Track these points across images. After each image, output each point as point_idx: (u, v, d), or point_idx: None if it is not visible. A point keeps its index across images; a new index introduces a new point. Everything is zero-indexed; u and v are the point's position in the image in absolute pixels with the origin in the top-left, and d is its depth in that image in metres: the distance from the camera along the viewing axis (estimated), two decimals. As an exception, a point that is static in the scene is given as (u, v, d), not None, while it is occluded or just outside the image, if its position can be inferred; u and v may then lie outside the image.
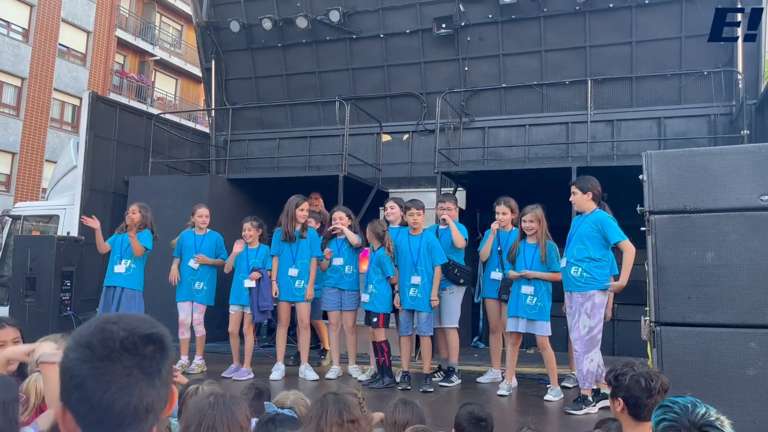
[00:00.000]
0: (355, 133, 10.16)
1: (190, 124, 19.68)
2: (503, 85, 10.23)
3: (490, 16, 10.05)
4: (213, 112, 12.22)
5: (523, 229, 5.88)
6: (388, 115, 10.90)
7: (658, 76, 9.48)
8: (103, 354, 1.08)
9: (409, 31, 10.54)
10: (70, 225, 9.05)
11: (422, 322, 6.13)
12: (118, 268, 6.65)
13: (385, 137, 10.67)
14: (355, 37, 10.83)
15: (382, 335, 6.17)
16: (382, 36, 10.71)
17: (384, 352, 6.16)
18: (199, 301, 6.87)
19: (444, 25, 10.10)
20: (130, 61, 26.13)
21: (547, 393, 5.68)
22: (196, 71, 24.24)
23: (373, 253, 6.30)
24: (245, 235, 6.66)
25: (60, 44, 22.74)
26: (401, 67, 10.82)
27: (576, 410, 5.17)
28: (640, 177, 3.93)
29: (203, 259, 6.82)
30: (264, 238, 6.80)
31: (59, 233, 9.07)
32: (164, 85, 27.91)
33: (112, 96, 22.70)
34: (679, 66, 9.38)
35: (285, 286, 6.57)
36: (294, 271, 6.55)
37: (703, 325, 3.59)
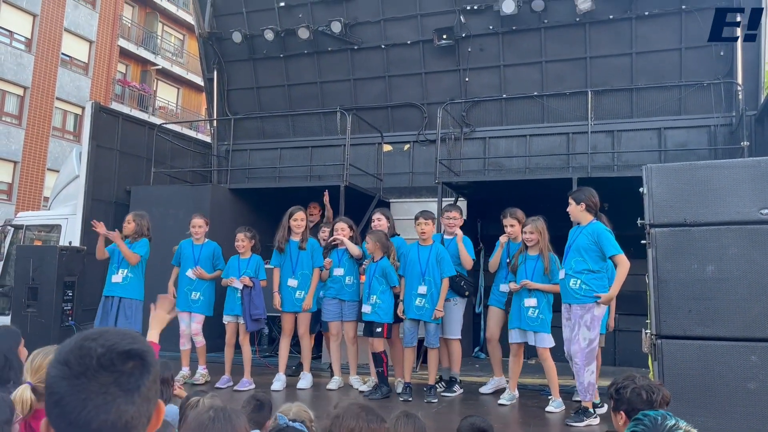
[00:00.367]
0: (357, 143, 10.20)
1: (192, 134, 19.75)
2: (504, 96, 10.28)
3: (491, 27, 10.11)
4: (215, 121, 12.27)
5: (524, 240, 5.90)
6: (389, 125, 10.94)
7: (658, 87, 9.52)
8: (79, 371, 1.08)
9: (410, 42, 10.60)
10: (72, 235, 9.07)
11: (430, 334, 6.13)
12: (116, 278, 6.64)
13: (387, 147, 10.70)
14: (356, 47, 10.89)
15: (380, 346, 6.17)
16: (383, 47, 10.77)
17: (383, 363, 6.16)
18: (196, 311, 6.84)
19: (445, 36, 10.16)
20: (132, 70, 26.24)
21: (549, 404, 5.68)
22: (198, 80, 24.35)
23: (376, 264, 6.27)
24: (238, 246, 6.68)
25: (63, 54, 22.84)
26: (402, 78, 10.87)
27: (577, 422, 5.16)
28: (641, 190, 3.94)
29: (200, 274, 6.81)
30: (257, 249, 6.82)
31: (61, 243, 9.09)
32: (166, 94, 28.00)
33: (114, 105, 22.79)
34: (679, 77, 9.42)
35: (286, 297, 6.60)
36: (293, 282, 6.57)
37: (704, 339, 3.60)
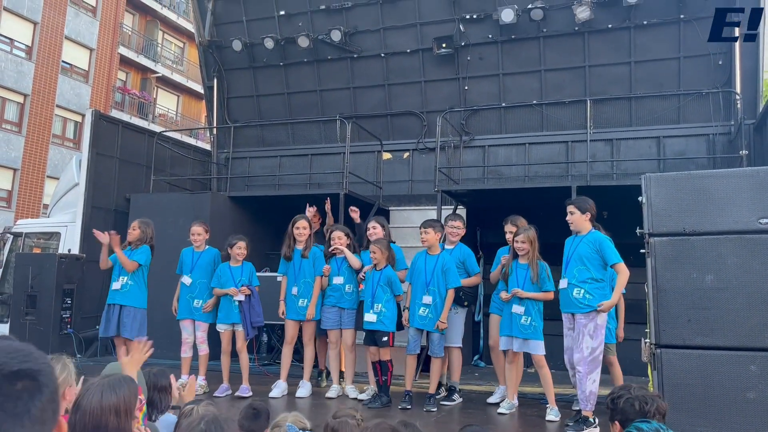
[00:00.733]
0: (356, 151, 10.21)
1: (192, 142, 19.77)
2: (503, 104, 10.30)
3: (490, 36, 10.15)
4: (215, 129, 12.28)
5: (515, 249, 5.91)
6: (388, 133, 10.96)
7: (657, 96, 9.55)
8: None
9: (409, 51, 10.64)
10: (71, 242, 9.07)
11: (435, 344, 6.12)
12: (116, 285, 6.61)
13: (386, 155, 10.72)
14: (356, 56, 10.93)
15: (388, 354, 6.17)
16: (382, 55, 10.81)
17: (388, 372, 6.15)
18: (199, 319, 6.83)
19: (444, 45, 10.20)
20: (132, 77, 26.31)
21: (547, 413, 5.66)
22: (198, 88, 24.39)
23: (380, 272, 6.25)
24: (238, 253, 6.68)
25: (63, 61, 22.90)
26: (402, 86, 10.90)
27: (577, 431, 5.15)
28: (640, 199, 3.95)
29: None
30: (247, 256, 6.83)
31: (60, 251, 9.10)
32: (166, 102, 28.06)
33: (114, 112, 22.83)
34: (678, 86, 9.45)
35: (290, 305, 6.61)
36: (296, 290, 6.59)
37: (703, 348, 3.59)
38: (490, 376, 7.40)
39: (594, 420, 5.23)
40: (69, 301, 8.30)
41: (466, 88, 10.48)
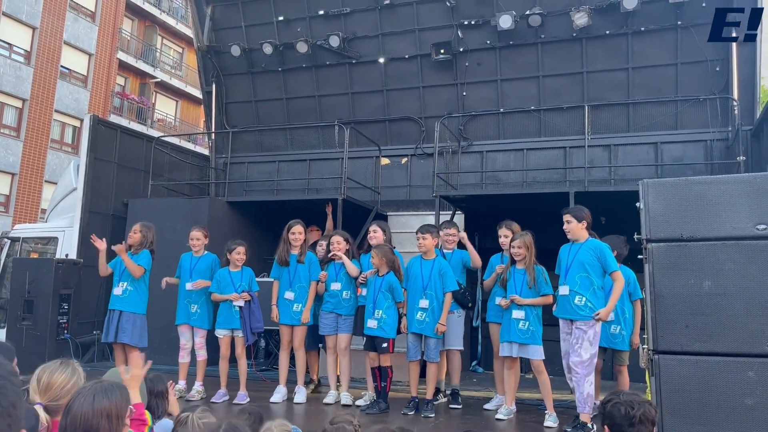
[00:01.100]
0: (355, 157, 10.22)
1: (190, 146, 19.78)
2: (501, 110, 10.32)
3: (488, 42, 10.18)
4: (213, 134, 12.29)
5: (512, 255, 5.92)
6: (387, 138, 10.98)
7: (655, 102, 9.58)
8: None
9: (408, 56, 10.67)
10: (69, 247, 9.05)
11: (431, 348, 6.11)
12: (116, 291, 6.58)
13: (384, 161, 10.74)
14: (354, 61, 10.95)
15: (388, 360, 6.16)
16: (381, 61, 10.83)
17: (388, 378, 6.14)
18: (194, 324, 6.77)
19: (443, 51, 10.23)
20: (131, 82, 26.32)
21: (545, 419, 5.65)
22: (197, 93, 24.40)
23: (381, 278, 6.22)
24: (237, 258, 6.66)
25: (62, 66, 22.90)
26: (400, 92, 10.92)
27: (575, 437, 5.14)
28: (637, 205, 3.96)
29: (199, 284, 6.77)
30: (246, 261, 6.82)
31: (58, 256, 9.08)
32: (165, 107, 28.08)
33: (113, 117, 22.85)
34: (676, 92, 9.47)
35: (284, 310, 6.59)
36: (290, 294, 6.57)
37: (701, 354, 3.59)
38: (488, 382, 7.39)
39: (592, 426, 5.22)
40: (66, 307, 8.27)
41: (465, 93, 10.51)
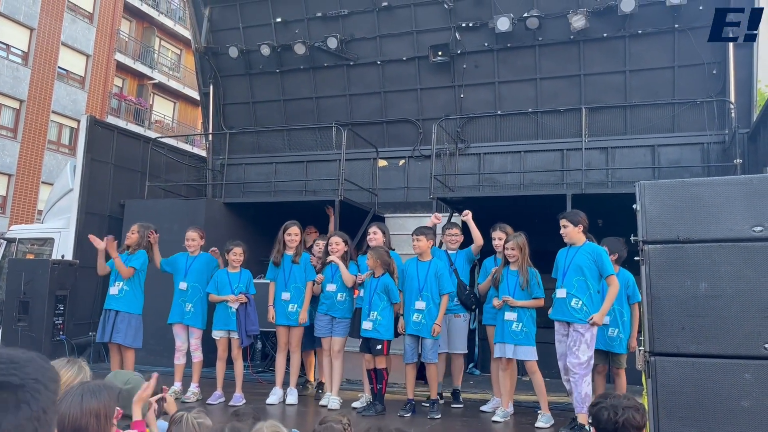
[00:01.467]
0: (352, 158, 10.21)
1: (188, 148, 19.75)
2: (498, 112, 10.33)
3: (486, 44, 10.18)
4: (210, 136, 12.27)
5: (506, 256, 5.92)
6: (384, 140, 10.97)
7: (652, 105, 9.59)
8: None
9: (405, 58, 10.66)
10: (65, 248, 9.03)
11: (428, 349, 6.10)
12: (113, 290, 6.56)
13: (382, 162, 10.73)
14: (352, 63, 10.95)
15: (383, 362, 6.14)
16: (379, 63, 10.84)
17: (383, 380, 6.12)
18: (188, 324, 6.72)
19: (440, 53, 10.23)
20: (128, 84, 26.30)
21: (538, 419, 5.64)
22: (194, 94, 24.42)
23: (377, 280, 6.21)
24: (234, 260, 6.64)
25: (59, 67, 22.88)
26: (398, 94, 10.92)
27: (571, 439, 5.14)
28: (634, 207, 3.95)
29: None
30: (244, 262, 6.80)
31: (54, 257, 9.05)
32: (162, 108, 28.05)
33: (110, 119, 22.80)
34: (673, 95, 9.49)
35: (280, 310, 6.57)
36: (286, 295, 6.57)
37: (697, 356, 3.57)
38: (485, 384, 7.38)
39: (589, 428, 5.21)
40: (62, 308, 8.24)
41: (462, 95, 10.51)
